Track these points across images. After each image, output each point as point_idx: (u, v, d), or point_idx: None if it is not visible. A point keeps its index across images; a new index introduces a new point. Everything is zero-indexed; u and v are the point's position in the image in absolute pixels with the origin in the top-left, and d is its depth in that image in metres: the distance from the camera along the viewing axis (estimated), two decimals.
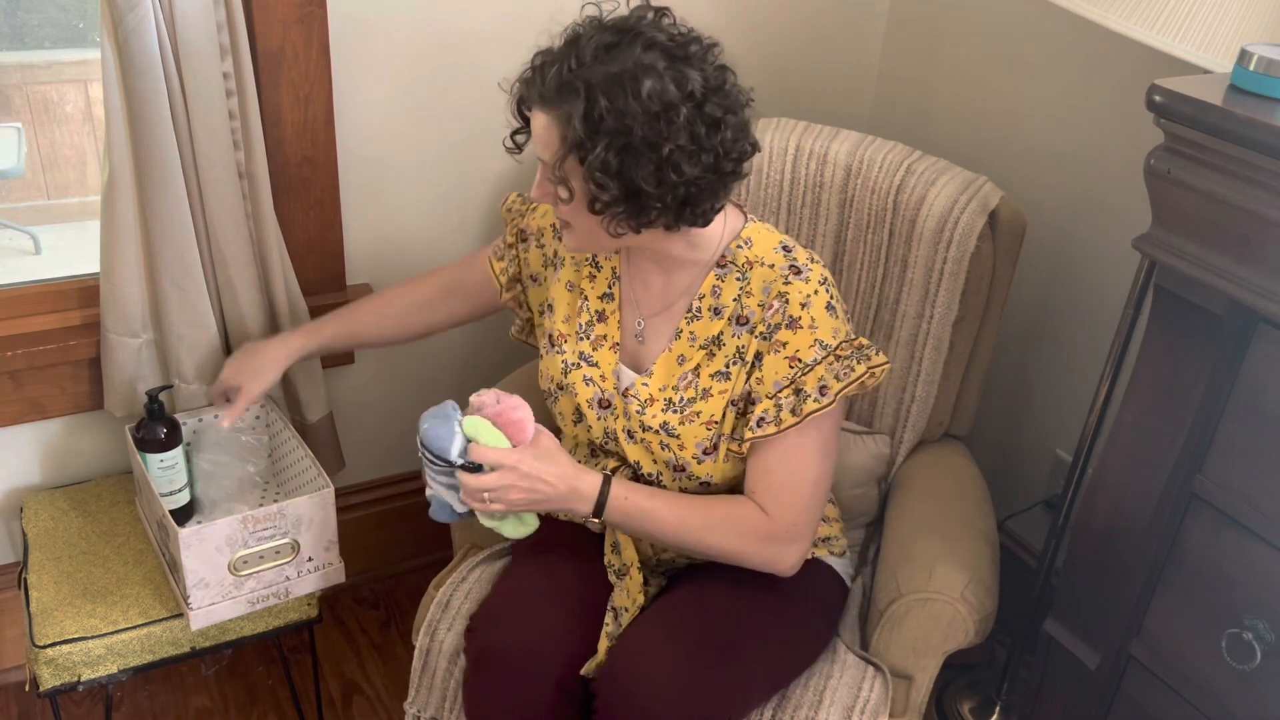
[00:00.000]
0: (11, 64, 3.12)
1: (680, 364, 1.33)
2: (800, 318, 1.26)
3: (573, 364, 1.39)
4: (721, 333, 1.31)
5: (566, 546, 1.44)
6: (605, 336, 1.39)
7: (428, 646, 1.42)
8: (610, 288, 1.39)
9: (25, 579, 1.53)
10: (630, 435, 1.34)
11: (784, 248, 1.31)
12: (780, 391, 1.26)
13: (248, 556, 1.43)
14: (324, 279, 1.80)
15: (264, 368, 1.53)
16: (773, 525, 1.28)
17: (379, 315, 1.59)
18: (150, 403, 1.53)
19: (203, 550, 1.39)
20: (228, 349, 1.68)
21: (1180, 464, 1.16)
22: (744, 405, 1.30)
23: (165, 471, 1.52)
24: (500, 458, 1.23)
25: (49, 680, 1.42)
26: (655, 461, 1.34)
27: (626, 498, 1.28)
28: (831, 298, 1.28)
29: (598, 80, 1.15)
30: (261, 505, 1.50)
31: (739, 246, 1.31)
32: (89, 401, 1.70)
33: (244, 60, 1.50)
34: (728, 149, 1.20)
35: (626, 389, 1.35)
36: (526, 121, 1.26)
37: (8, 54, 3.08)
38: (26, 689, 1.78)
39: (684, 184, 1.19)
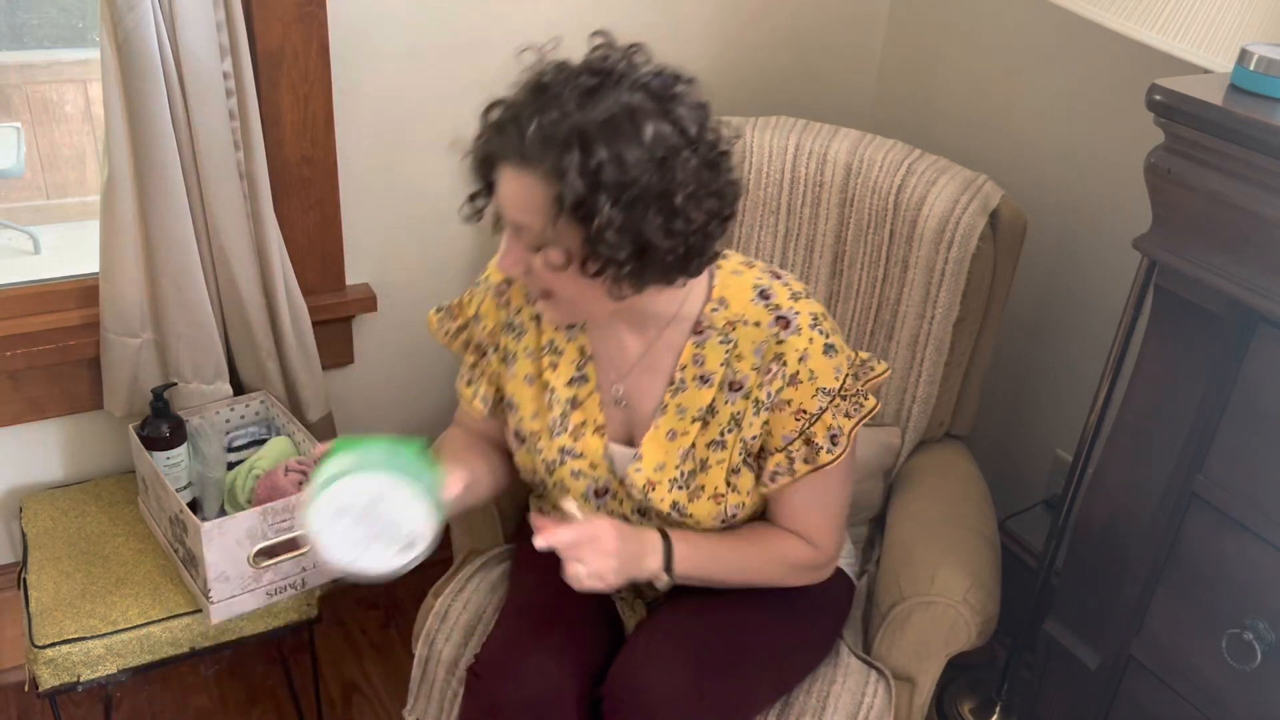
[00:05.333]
0: (11, 64, 3.13)
1: (671, 439, 1.25)
2: (799, 373, 1.19)
3: (555, 461, 1.29)
4: (714, 401, 1.23)
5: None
6: (585, 423, 1.28)
7: (426, 656, 1.42)
8: (579, 369, 1.28)
9: (25, 579, 1.52)
10: (642, 513, 1.29)
11: (760, 294, 1.21)
12: (790, 444, 1.20)
13: (266, 549, 1.44)
14: (324, 279, 1.79)
15: None
16: (820, 555, 1.30)
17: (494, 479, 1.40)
18: (155, 400, 1.53)
19: (224, 544, 1.40)
20: (228, 349, 1.68)
21: (1180, 464, 1.16)
22: (755, 458, 1.25)
23: (170, 469, 1.52)
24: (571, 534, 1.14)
25: (48, 680, 1.42)
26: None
27: (688, 547, 1.23)
28: (826, 336, 1.20)
29: (592, 128, 1.01)
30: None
31: (713, 310, 1.22)
32: (88, 401, 1.70)
33: (244, 60, 1.50)
34: (725, 190, 1.11)
35: (623, 478, 1.27)
36: (487, 184, 1.13)
37: (8, 54, 3.09)
38: (26, 689, 1.78)
39: (693, 233, 1.08)
